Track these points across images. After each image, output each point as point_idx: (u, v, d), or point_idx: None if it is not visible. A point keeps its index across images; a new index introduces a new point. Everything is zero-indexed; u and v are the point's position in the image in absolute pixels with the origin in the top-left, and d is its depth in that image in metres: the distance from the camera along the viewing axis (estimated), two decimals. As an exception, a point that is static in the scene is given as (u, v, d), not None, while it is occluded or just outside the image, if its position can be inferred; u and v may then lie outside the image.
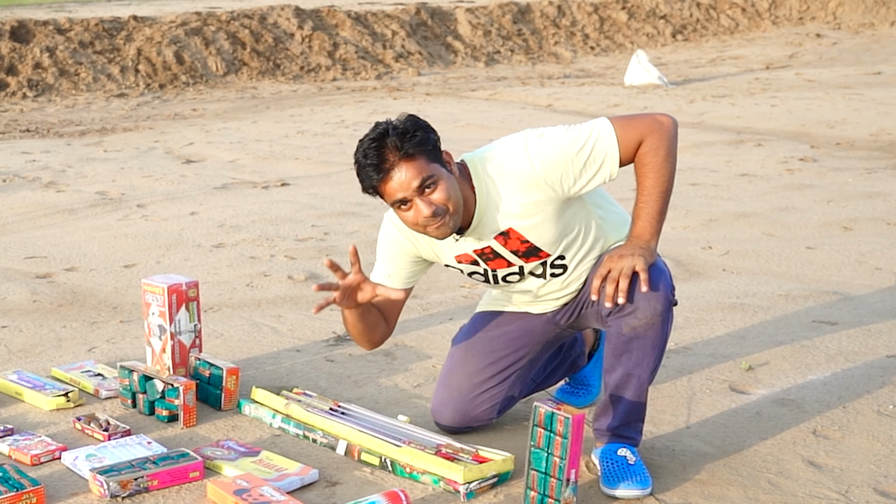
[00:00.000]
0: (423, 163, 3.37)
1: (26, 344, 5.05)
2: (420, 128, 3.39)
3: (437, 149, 3.43)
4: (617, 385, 3.59)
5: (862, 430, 3.99)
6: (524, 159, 3.49)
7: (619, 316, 3.52)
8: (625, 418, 3.61)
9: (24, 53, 15.98)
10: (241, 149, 10.85)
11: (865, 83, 15.97)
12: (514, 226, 3.56)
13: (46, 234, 7.28)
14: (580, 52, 21.75)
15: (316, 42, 18.72)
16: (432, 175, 3.38)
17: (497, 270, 3.69)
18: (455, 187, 3.44)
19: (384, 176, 3.37)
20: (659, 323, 3.49)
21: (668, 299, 3.51)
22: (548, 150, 3.49)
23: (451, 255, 3.69)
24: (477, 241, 3.62)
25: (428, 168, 3.37)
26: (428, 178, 3.37)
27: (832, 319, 5.29)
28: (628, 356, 3.53)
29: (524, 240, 3.58)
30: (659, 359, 3.57)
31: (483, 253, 3.64)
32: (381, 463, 3.68)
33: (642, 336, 3.50)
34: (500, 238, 3.58)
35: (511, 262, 3.65)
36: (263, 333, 5.17)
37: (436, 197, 3.39)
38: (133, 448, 3.75)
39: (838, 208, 7.90)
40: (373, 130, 3.42)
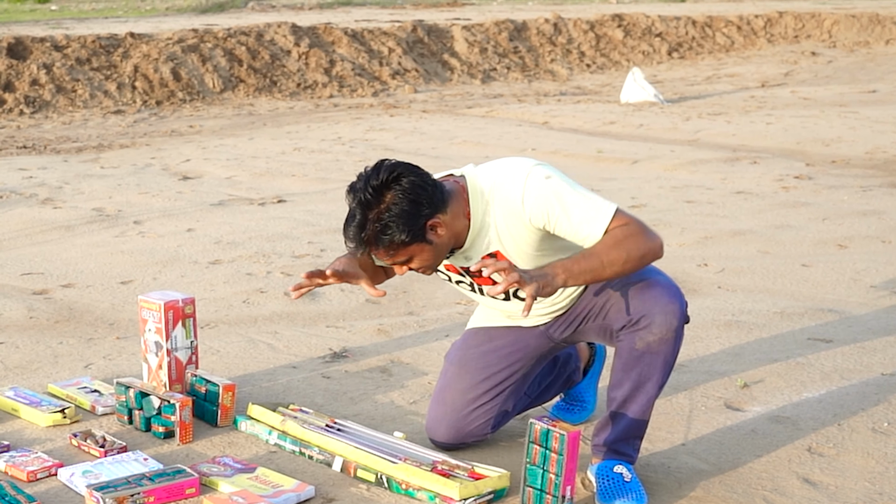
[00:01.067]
0: (400, 250, 3.48)
1: (23, 360, 5.05)
2: (400, 217, 3.41)
3: (418, 228, 3.45)
4: (624, 400, 3.59)
5: (857, 447, 4.00)
6: (517, 195, 3.49)
7: (633, 330, 3.53)
8: (625, 433, 3.62)
9: (21, 70, 15.99)
10: (237, 165, 10.86)
11: (861, 101, 16.00)
12: (501, 250, 3.58)
13: (43, 251, 7.28)
14: (576, 69, 21.78)
15: (313, 59, 18.74)
16: (407, 258, 3.51)
17: (483, 286, 3.73)
18: (433, 254, 3.53)
19: (366, 253, 3.54)
20: (672, 339, 3.52)
21: (683, 315, 3.53)
22: (541, 200, 3.46)
23: (441, 265, 3.74)
24: (466, 260, 3.66)
25: (405, 252, 3.49)
26: (401, 260, 3.52)
27: (827, 337, 5.30)
28: (639, 370, 3.54)
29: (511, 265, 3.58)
30: (667, 375, 3.59)
31: (468, 270, 3.68)
32: (377, 479, 3.68)
33: (655, 352, 3.52)
34: (487, 258, 3.60)
35: (496, 282, 3.64)
36: (260, 350, 5.18)
37: (411, 265, 3.55)
38: (129, 464, 3.75)
39: (833, 226, 7.91)
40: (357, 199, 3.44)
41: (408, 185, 3.42)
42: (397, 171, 3.44)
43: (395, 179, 3.42)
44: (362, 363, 4.98)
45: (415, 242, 3.45)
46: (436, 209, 3.46)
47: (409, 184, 3.43)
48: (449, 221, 3.51)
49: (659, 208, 8.59)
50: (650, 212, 8.43)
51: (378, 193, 3.42)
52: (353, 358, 5.05)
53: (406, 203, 3.41)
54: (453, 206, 3.53)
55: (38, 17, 25.40)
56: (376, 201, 3.41)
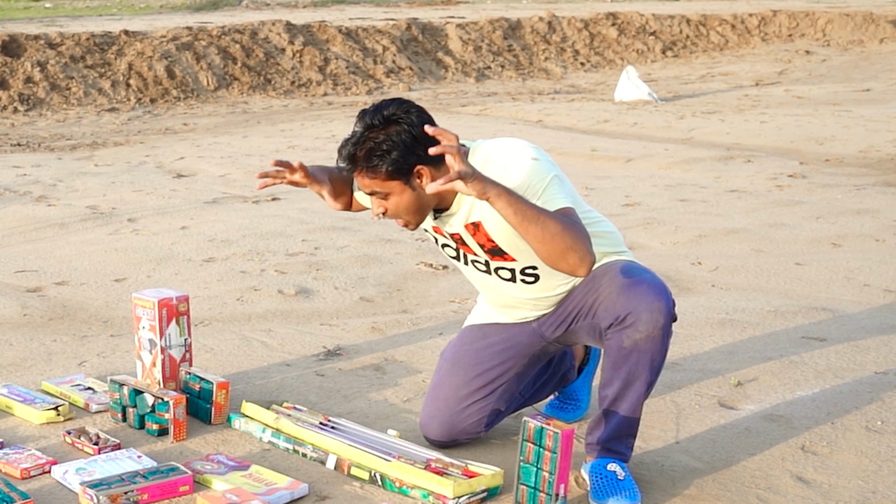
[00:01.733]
0: (380, 179, 3.52)
1: (16, 358, 5.05)
2: (395, 147, 3.47)
3: (405, 168, 3.50)
4: (614, 398, 3.60)
5: (850, 445, 4.00)
6: (501, 168, 3.52)
7: (620, 328, 3.53)
8: (617, 432, 3.62)
9: (16, 68, 15.98)
10: (231, 163, 10.85)
11: (854, 100, 16.02)
12: (482, 221, 3.61)
13: (37, 248, 7.28)
14: (570, 67, 21.79)
15: (307, 57, 18.74)
16: (385, 192, 3.55)
17: (467, 254, 3.76)
18: (411, 203, 3.57)
19: (351, 171, 3.60)
20: (660, 337, 3.51)
21: (669, 313, 3.52)
22: (517, 174, 3.49)
23: (429, 224, 3.77)
24: (449, 226, 3.70)
25: (384, 185, 3.53)
26: (378, 193, 3.56)
27: (821, 335, 5.31)
28: (627, 368, 3.54)
29: (490, 238, 3.63)
30: (656, 373, 3.58)
31: (453, 237, 3.72)
32: (370, 477, 3.69)
33: (643, 349, 3.51)
34: (469, 227, 3.65)
35: (477, 254, 3.71)
36: (253, 348, 5.17)
37: (386, 204, 3.59)
38: (123, 462, 3.75)
39: (827, 225, 7.92)
40: (369, 116, 3.52)
41: (416, 122, 3.49)
42: (411, 110, 3.52)
43: (406, 114, 3.50)
44: (356, 361, 4.98)
45: (397, 179, 3.51)
46: (430, 160, 3.49)
47: (417, 122, 3.49)
48: (438, 177, 3.49)
49: (653, 207, 8.60)
50: (644, 210, 8.43)
51: (385, 121, 3.50)
52: (346, 356, 5.05)
53: (405, 137, 3.47)
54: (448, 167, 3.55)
55: (32, 15, 25.38)
56: (380, 127, 3.50)
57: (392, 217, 3.62)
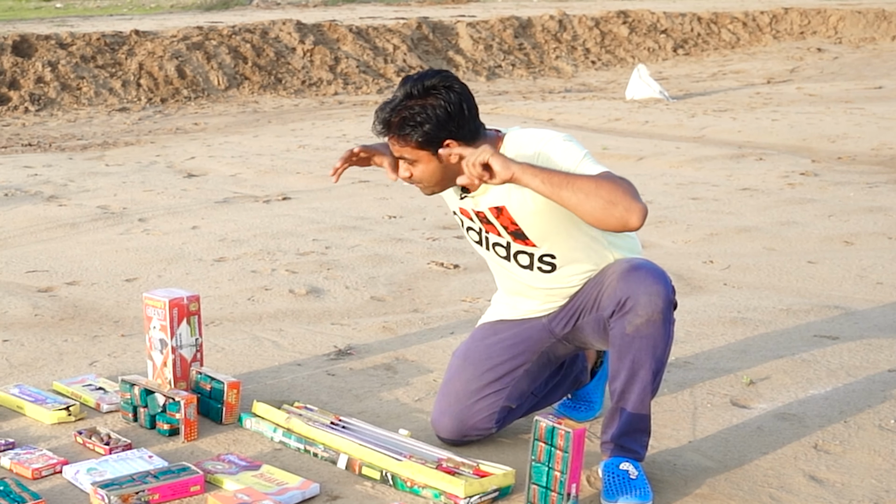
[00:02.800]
0: (410, 147, 3.63)
1: (28, 358, 5.05)
2: (429, 120, 3.57)
3: (435, 140, 3.59)
4: (622, 391, 3.60)
5: (863, 444, 3.99)
6: (534, 149, 3.61)
7: (620, 315, 3.55)
8: (629, 426, 3.61)
9: (27, 68, 16.01)
10: (242, 163, 10.86)
11: (866, 97, 15.98)
12: (507, 205, 3.69)
13: (48, 248, 7.29)
14: (581, 66, 21.77)
15: (317, 56, 18.74)
16: (413, 159, 3.67)
17: (489, 234, 3.82)
18: (434, 173, 3.67)
19: (383, 134, 3.69)
20: (660, 321, 3.51)
21: (668, 298, 3.54)
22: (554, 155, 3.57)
23: (456, 206, 3.88)
24: (475, 204, 3.78)
25: (413, 153, 3.64)
26: (405, 159, 3.69)
27: (833, 334, 5.29)
28: (631, 356, 3.55)
29: (514, 221, 3.71)
30: (661, 361, 3.58)
31: (478, 215, 3.80)
32: (382, 477, 3.68)
33: (645, 335, 3.52)
34: (493, 210, 3.73)
35: (501, 234, 3.78)
36: (265, 347, 5.17)
37: (412, 170, 3.70)
38: (134, 462, 3.75)
39: (839, 223, 7.90)
40: (409, 85, 3.62)
41: (454, 99, 3.59)
42: (453, 84, 3.62)
43: (446, 89, 3.59)
44: (367, 360, 4.97)
45: (426, 150, 3.62)
46: (463, 135, 3.61)
47: (455, 98, 3.60)
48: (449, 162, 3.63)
49: (664, 205, 8.58)
50: (655, 209, 8.41)
51: (425, 91, 3.60)
52: (357, 355, 5.05)
53: (441, 111, 3.58)
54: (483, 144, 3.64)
55: (43, 15, 25.43)
56: (419, 97, 3.60)
57: (415, 183, 3.74)
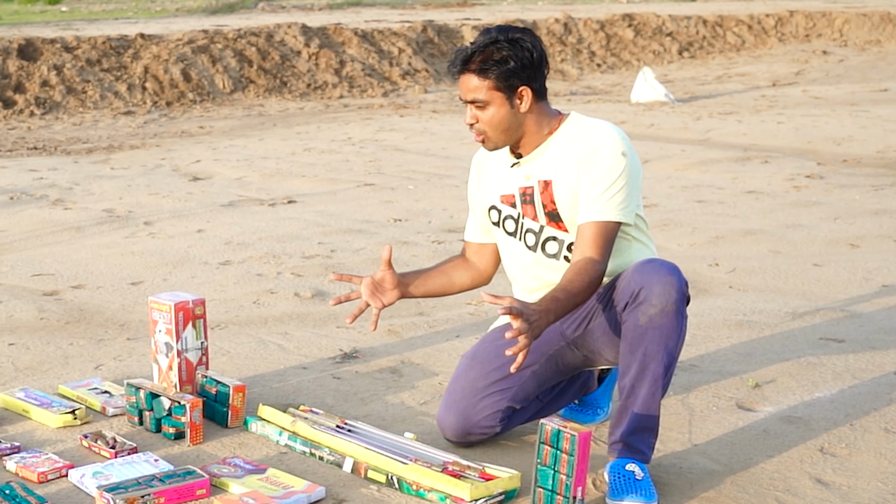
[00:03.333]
0: (487, 86, 3.72)
1: (33, 361, 5.06)
2: (513, 60, 3.70)
3: (513, 84, 3.71)
4: (632, 385, 3.60)
5: (869, 447, 3.99)
6: (592, 147, 3.73)
7: (634, 306, 3.57)
8: (637, 424, 3.60)
9: (32, 71, 16.02)
10: (247, 166, 10.87)
11: (872, 100, 15.97)
12: (553, 181, 3.78)
13: (53, 252, 7.29)
14: (586, 69, 21.77)
15: (323, 60, 18.75)
16: (485, 101, 3.73)
17: (525, 219, 3.88)
18: (503, 119, 3.77)
19: (460, 73, 3.77)
20: (673, 312, 3.53)
21: (682, 290, 3.57)
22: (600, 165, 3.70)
23: (498, 194, 3.94)
24: (526, 178, 3.85)
25: (487, 93, 3.72)
26: (479, 101, 3.74)
27: (839, 337, 5.29)
28: (643, 349, 3.55)
29: (553, 200, 3.79)
30: (673, 356, 3.58)
31: (524, 193, 3.86)
32: (387, 480, 3.68)
33: (657, 325, 3.53)
34: (541, 184, 3.81)
35: (537, 216, 3.84)
36: (270, 351, 5.17)
37: (480, 115, 3.77)
38: (140, 465, 3.75)
39: (845, 225, 7.90)
40: (495, 31, 3.74)
41: (538, 48, 3.75)
42: (536, 41, 3.75)
43: (528, 41, 3.73)
44: (373, 364, 4.98)
45: (502, 91, 3.72)
46: (536, 87, 3.77)
47: (539, 48, 3.75)
48: (536, 108, 3.80)
49: (670, 208, 8.58)
50: (661, 211, 8.41)
51: (510, 41, 3.70)
52: (363, 359, 5.05)
53: (527, 55, 3.71)
54: (546, 109, 3.84)
55: (48, 19, 25.45)
56: (504, 43, 3.69)
57: (479, 130, 3.80)
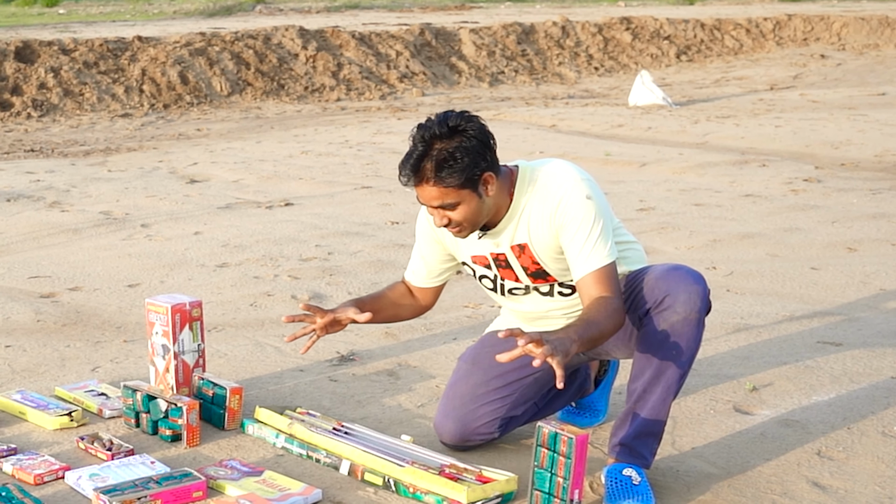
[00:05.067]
0: (451, 190, 3.57)
1: (30, 363, 5.05)
2: (466, 155, 3.54)
3: (475, 176, 3.57)
4: (644, 390, 3.58)
5: (867, 451, 3.98)
6: (555, 201, 3.61)
7: (658, 311, 3.56)
8: (643, 428, 3.59)
9: (29, 74, 16.02)
10: (245, 169, 10.86)
11: (870, 104, 15.98)
12: (529, 243, 3.67)
13: (50, 254, 7.29)
14: (584, 72, 21.78)
15: (320, 62, 18.75)
16: (455, 202, 3.58)
17: (505, 280, 3.79)
18: (477, 210, 3.63)
19: (416, 185, 3.60)
20: (695, 321, 3.53)
21: (706, 298, 3.57)
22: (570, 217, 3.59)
23: (469, 254, 3.84)
24: (495, 245, 3.75)
25: (454, 195, 3.57)
26: (449, 204, 3.59)
27: (837, 340, 5.28)
28: (661, 356, 3.54)
29: (535, 261, 3.69)
30: (688, 365, 3.58)
31: (497, 259, 3.76)
32: (384, 483, 3.68)
33: (679, 333, 3.53)
34: (515, 249, 3.71)
35: (519, 279, 3.75)
36: (267, 353, 5.17)
37: (452, 215, 3.62)
38: (136, 468, 3.74)
39: (843, 229, 7.90)
40: (425, 132, 3.57)
41: (478, 134, 3.59)
42: (472, 119, 3.60)
43: (467, 127, 3.58)
44: (370, 366, 4.97)
45: (467, 188, 3.57)
46: (493, 166, 3.62)
47: (480, 134, 3.59)
48: (497, 187, 3.64)
49: (667, 211, 8.58)
50: (658, 215, 8.41)
51: (451, 131, 3.56)
52: (360, 361, 5.05)
53: (473, 147, 3.56)
54: (502, 177, 3.68)
55: (45, 21, 25.45)
56: (447, 137, 3.55)
57: (454, 227, 3.66)
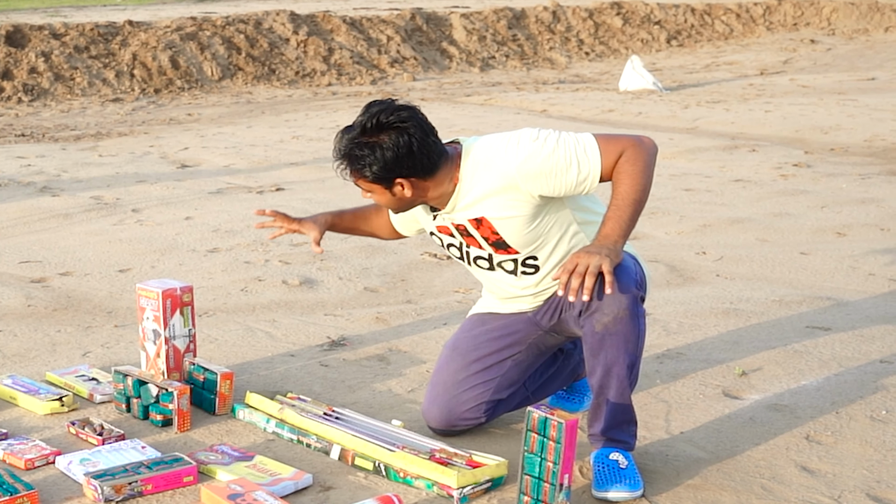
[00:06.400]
0: (363, 181, 3.70)
1: (21, 348, 5.05)
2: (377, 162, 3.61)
3: (386, 178, 3.64)
4: (600, 386, 3.61)
5: (855, 435, 4.00)
6: (509, 159, 3.59)
7: (588, 315, 3.56)
8: (612, 419, 3.62)
9: (20, 58, 15.98)
10: (236, 153, 10.85)
11: (859, 89, 15.99)
12: (486, 215, 3.67)
13: (41, 239, 7.28)
14: (575, 57, 21.76)
15: (311, 47, 18.72)
16: (368, 190, 3.75)
17: (470, 248, 3.81)
18: (391, 202, 3.75)
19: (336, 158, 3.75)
20: (627, 317, 3.52)
21: (632, 294, 3.53)
22: (533, 159, 3.56)
23: (434, 225, 3.87)
24: (452, 220, 3.77)
25: (367, 185, 3.71)
26: (363, 188, 3.75)
27: (825, 325, 5.30)
28: (604, 354, 3.56)
29: (494, 231, 3.69)
30: (635, 355, 3.58)
31: (458, 228, 3.78)
32: (374, 468, 3.69)
33: (613, 332, 3.53)
34: (473, 222, 3.72)
35: (481, 246, 3.77)
36: (258, 338, 5.17)
37: (371, 195, 3.78)
38: (127, 452, 3.75)
39: (832, 214, 7.91)
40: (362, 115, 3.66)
41: (404, 140, 3.58)
42: (408, 122, 3.59)
43: (399, 127, 3.58)
44: (360, 351, 4.98)
45: (378, 184, 3.67)
46: (414, 173, 3.63)
47: (406, 140, 3.58)
48: (424, 185, 3.67)
49: (657, 196, 8.58)
50: (649, 200, 8.40)
51: (378, 128, 3.60)
52: (351, 346, 5.05)
53: (391, 153, 3.59)
54: (442, 172, 3.67)
55: (36, 5, 25.37)
56: (373, 132, 3.60)
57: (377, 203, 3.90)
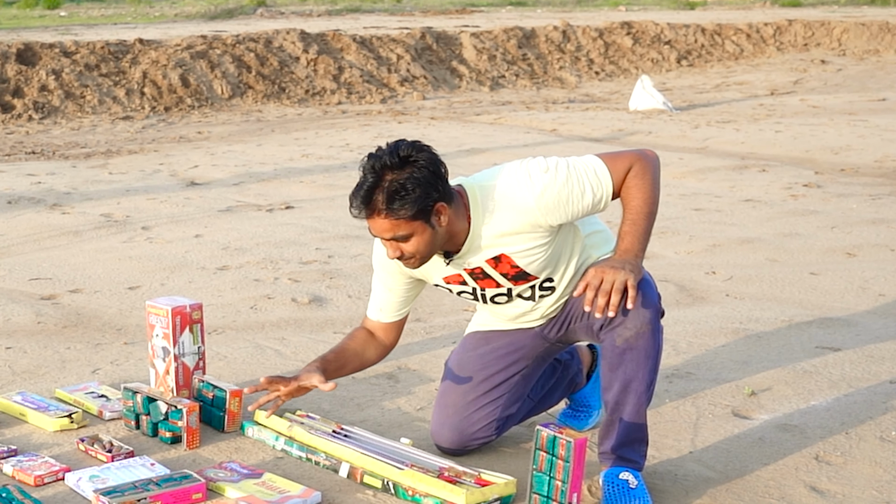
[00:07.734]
0: (403, 222, 3.47)
1: (30, 365, 5.06)
2: (418, 185, 3.44)
3: (427, 207, 3.47)
4: (616, 402, 3.60)
5: (864, 455, 3.99)
6: (526, 195, 3.57)
7: (610, 329, 3.58)
8: (626, 437, 3.62)
9: (30, 76, 16.02)
10: (245, 172, 10.86)
11: (870, 109, 15.98)
12: (505, 252, 3.63)
13: (51, 256, 7.29)
14: (585, 77, 21.78)
15: (321, 66, 18.76)
16: (409, 234, 3.50)
17: (486, 290, 3.77)
18: (431, 241, 3.54)
19: (367, 217, 3.50)
20: (649, 332, 3.53)
21: (655, 308, 3.56)
22: (549, 191, 3.57)
23: (440, 277, 3.78)
24: (468, 263, 3.69)
25: (407, 226, 3.48)
26: (402, 236, 3.50)
27: (835, 345, 5.29)
28: (623, 369, 3.56)
29: (514, 265, 3.66)
30: (654, 371, 3.59)
31: (473, 272, 3.71)
32: (383, 486, 3.68)
33: (635, 346, 3.54)
34: (491, 262, 3.66)
35: (500, 284, 3.72)
36: (267, 356, 5.18)
37: (405, 247, 3.53)
38: (136, 469, 3.75)
39: (842, 234, 7.90)
40: (376, 163, 3.46)
41: (429, 164, 3.47)
42: (423, 149, 3.50)
43: (418, 157, 3.47)
44: (369, 369, 4.96)
45: (419, 219, 3.47)
46: (446, 197, 3.51)
47: (430, 163, 3.48)
48: (452, 215, 3.55)
49: (667, 216, 8.58)
50: (658, 219, 8.30)
51: (402, 161, 3.45)
52: (360, 364, 5.05)
53: (425, 177, 3.45)
54: (456, 205, 3.58)
55: (47, 24, 25.45)
56: (398, 167, 3.44)
57: (407, 259, 3.59)
